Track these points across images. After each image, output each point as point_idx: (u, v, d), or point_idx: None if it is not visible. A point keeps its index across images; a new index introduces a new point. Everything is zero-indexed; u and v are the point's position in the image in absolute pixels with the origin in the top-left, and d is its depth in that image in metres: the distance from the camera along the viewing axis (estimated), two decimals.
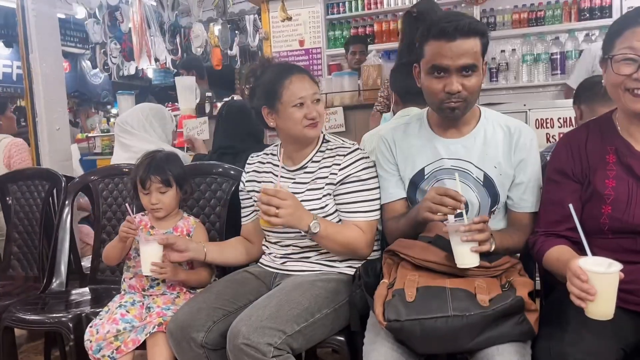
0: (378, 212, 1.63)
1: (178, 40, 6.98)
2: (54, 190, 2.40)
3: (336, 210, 1.63)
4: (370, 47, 4.40)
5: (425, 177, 1.55)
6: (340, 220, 1.63)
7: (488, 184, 1.50)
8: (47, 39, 2.80)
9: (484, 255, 1.37)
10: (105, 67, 7.16)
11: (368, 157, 1.65)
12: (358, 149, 1.64)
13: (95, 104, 9.18)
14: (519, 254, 1.53)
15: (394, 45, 4.64)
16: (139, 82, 8.94)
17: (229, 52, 7.07)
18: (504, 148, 1.51)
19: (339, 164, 1.60)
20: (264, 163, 1.78)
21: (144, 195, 1.77)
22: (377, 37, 4.83)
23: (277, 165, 1.69)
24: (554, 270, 1.30)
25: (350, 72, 3.64)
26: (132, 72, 7.23)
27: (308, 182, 1.63)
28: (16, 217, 2.45)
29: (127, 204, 1.92)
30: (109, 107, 8.49)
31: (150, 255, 1.64)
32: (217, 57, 7.46)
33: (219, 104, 4.01)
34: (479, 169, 1.50)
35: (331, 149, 1.65)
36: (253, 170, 1.78)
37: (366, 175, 1.61)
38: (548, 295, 1.47)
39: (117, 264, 1.86)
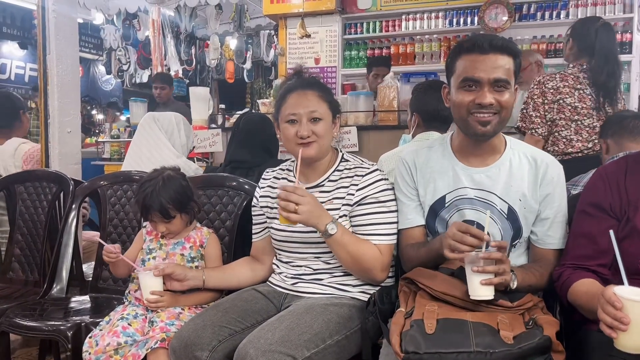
0: (395, 237, 1.57)
1: (193, 51, 7.00)
2: (61, 194, 2.36)
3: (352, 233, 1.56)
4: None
5: (446, 205, 1.49)
6: None
7: (512, 216, 1.45)
8: (65, 41, 2.77)
9: (505, 293, 1.31)
10: (119, 74, 7.18)
11: (387, 179, 1.60)
12: (377, 170, 1.59)
13: (104, 110, 9.23)
14: (541, 292, 1.47)
15: (410, 68, 4.65)
16: (149, 91, 8.99)
17: (242, 66, 7.09)
18: (530, 181, 1.45)
19: (357, 184, 1.55)
20: (279, 179, 1.73)
21: (151, 222, 1.75)
22: (394, 59, 4.82)
23: (292, 182, 1.64)
24: (581, 303, 1.23)
25: (367, 92, 3.61)
26: (145, 80, 7.26)
27: (324, 202, 1.57)
28: (21, 219, 2.40)
29: (100, 239, 1.87)
30: (117, 113, 8.52)
31: (149, 286, 1.62)
32: (230, 71, 7.51)
33: (232, 117, 4.00)
34: (503, 200, 1.44)
35: (349, 169, 1.60)
36: (268, 186, 1.73)
37: (385, 197, 1.56)
38: (569, 337, 1.40)
39: (127, 275, 1.81)
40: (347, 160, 1.64)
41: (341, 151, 1.67)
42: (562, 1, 4.40)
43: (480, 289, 1.25)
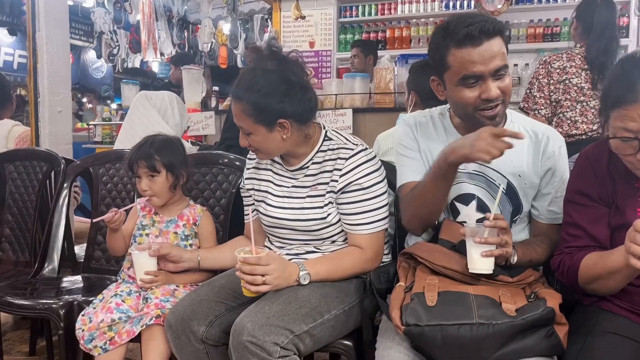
0: (385, 220, 1.50)
1: (186, 34, 6.91)
2: (52, 173, 2.31)
3: (339, 220, 1.52)
4: (381, 52, 4.36)
5: None
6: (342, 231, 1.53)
7: (511, 192, 1.41)
8: (55, 18, 2.72)
9: (505, 269, 1.29)
10: (110, 58, 7.08)
11: (373, 159, 1.50)
12: (362, 150, 1.49)
13: (95, 97, 9.12)
14: (541, 267, 1.45)
15: (406, 51, 4.61)
16: (142, 78, 8.88)
17: (235, 51, 7.01)
18: (530, 155, 1.41)
19: (340, 169, 1.47)
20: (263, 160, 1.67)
21: (137, 180, 1.71)
22: (389, 43, 4.79)
23: (278, 163, 1.59)
24: (598, 271, 1.17)
25: (363, 74, 3.58)
26: (137, 64, 7.16)
27: (309, 187, 1.52)
28: (11, 198, 2.35)
29: (95, 220, 1.82)
30: (109, 102, 8.43)
31: (143, 265, 1.59)
32: (223, 56, 7.43)
33: (226, 100, 3.95)
34: (503, 176, 1.41)
35: (333, 150, 1.51)
36: (253, 167, 1.66)
37: (369, 182, 1.47)
38: (568, 315, 1.37)
39: (123, 254, 1.77)
40: (330, 139, 1.54)
41: (324, 127, 1.57)
42: None
43: (480, 262, 1.22)
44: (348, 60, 4.88)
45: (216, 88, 4.05)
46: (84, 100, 8.69)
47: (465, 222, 1.40)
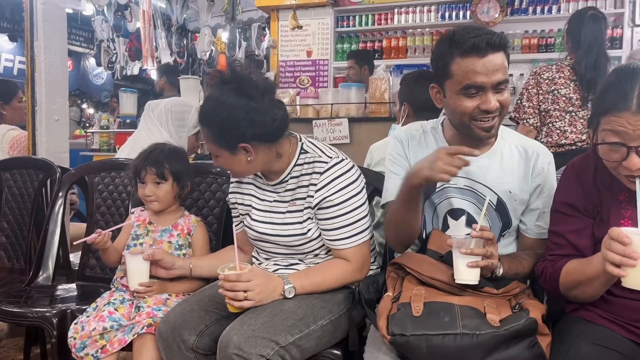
0: (367, 231, 1.50)
1: (185, 43, 6.96)
2: (48, 181, 2.33)
3: (320, 234, 1.52)
4: (377, 62, 4.40)
5: (437, 190, 1.48)
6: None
7: (500, 208, 1.43)
8: (53, 28, 2.74)
9: (491, 281, 1.31)
10: (110, 65, 7.12)
11: (349, 171, 1.48)
12: (337, 163, 1.47)
13: (95, 104, 9.16)
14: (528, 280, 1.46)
15: (402, 61, 4.66)
16: (141, 85, 8.92)
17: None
18: (521, 172, 1.43)
19: (316, 184, 1.46)
20: None
21: (141, 186, 1.72)
22: (385, 52, 4.83)
23: (260, 177, 1.60)
24: (578, 278, 1.19)
25: (358, 84, 3.61)
26: (136, 72, 7.20)
27: (288, 202, 1.53)
28: (7, 206, 2.37)
29: (79, 241, 1.75)
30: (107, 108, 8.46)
31: (136, 270, 1.59)
32: (222, 64, 7.47)
33: None
34: (493, 192, 1.43)
35: (309, 163, 1.49)
36: (237, 181, 1.67)
37: (346, 196, 1.45)
38: (554, 324, 1.39)
39: (118, 264, 1.78)
40: (306, 152, 1.52)
41: (301, 139, 1.55)
42: None
43: (466, 273, 1.25)
44: (345, 70, 4.92)
45: None
46: (84, 107, 8.73)
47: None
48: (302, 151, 1.53)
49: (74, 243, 1.67)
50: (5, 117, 2.85)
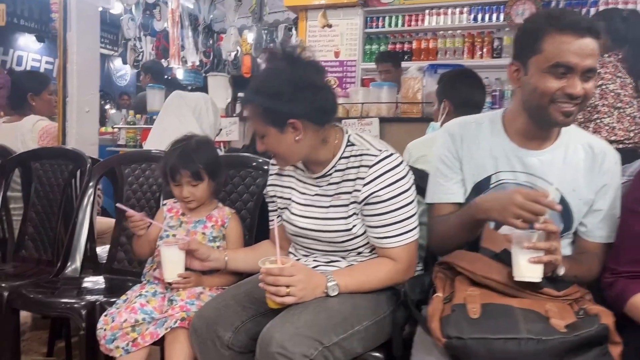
0: (415, 230, 1.41)
1: (210, 43, 6.97)
2: (78, 172, 2.29)
3: (366, 231, 1.44)
4: (406, 63, 4.32)
5: (491, 186, 1.39)
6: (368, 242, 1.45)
7: (564, 208, 1.33)
8: (86, 18, 2.73)
9: (551, 282, 1.22)
10: (135, 64, 7.16)
11: (399, 165, 1.39)
12: (387, 157, 1.39)
13: (117, 105, 9.24)
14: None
15: (432, 64, 4.56)
16: (165, 85, 8.97)
17: (259, 60, 7.04)
18: (586, 170, 1.35)
19: (364, 178, 1.38)
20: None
21: (175, 186, 1.65)
22: (415, 54, 4.74)
23: (302, 170, 1.53)
24: None
25: (390, 83, 3.54)
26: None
27: (331, 197, 1.45)
28: (36, 196, 2.34)
29: (118, 205, 1.75)
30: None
31: (171, 260, 1.53)
32: (247, 65, 7.46)
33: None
34: (556, 189, 1.32)
35: (356, 156, 1.42)
36: (276, 173, 1.60)
37: (395, 192, 1.37)
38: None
39: (150, 256, 1.73)
40: (353, 145, 1.44)
41: (347, 131, 1.48)
42: None
43: (527, 269, 1.16)
44: (373, 71, 4.85)
45: (241, 94, 4.04)
46: (107, 107, 8.81)
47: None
48: (349, 144, 1.46)
49: (119, 206, 1.64)
50: (34, 108, 2.83)
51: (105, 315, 1.51)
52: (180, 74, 7.28)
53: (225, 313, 1.36)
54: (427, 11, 4.72)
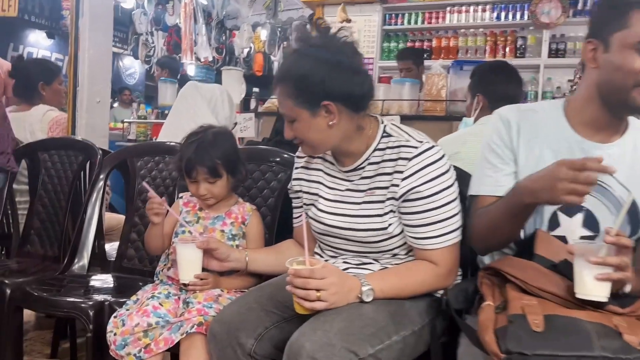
0: (458, 231, 1.28)
1: (223, 39, 6.87)
2: (87, 164, 2.17)
3: (402, 231, 1.30)
4: (426, 62, 4.18)
5: None
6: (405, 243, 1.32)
7: (632, 208, 1.18)
8: (99, 7, 2.63)
9: (613, 297, 1.08)
10: (146, 60, 7.07)
11: (441, 159, 1.27)
12: (428, 149, 1.26)
13: (120, 101, 9.17)
14: None
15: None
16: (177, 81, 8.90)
17: (273, 58, 6.94)
18: None
19: (402, 172, 1.25)
20: (314, 157, 1.46)
21: (191, 183, 1.53)
22: (435, 52, 4.61)
23: (331, 163, 1.40)
24: None
25: (413, 79, 3.40)
26: None
27: (364, 192, 1.32)
28: (43, 189, 2.22)
29: (144, 183, 1.66)
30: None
31: (188, 260, 1.40)
32: (259, 63, 7.36)
33: (266, 102, 3.82)
34: (624, 187, 1.19)
35: (392, 148, 1.29)
36: (302, 167, 1.47)
37: (437, 188, 1.24)
38: None
39: (162, 252, 1.61)
40: (390, 136, 1.31)
41: (383, 122, 1.35)
42: None
43: (593, 287, 1.01)
44: (391, 69, 4.72)
45: (256, 89, 3.93)
46: (115, 105, 8.75)
47: (564, 237, 1.20)
48: (385, 134, 1.32)
49: (141, 184, 1.55)
50: (44, 98, 2.72)
51: (115, 318, 1.39)
52: (191, 70, 7.19)
53: (248, 318, 1.23)
54: (448, 8, 4.60)
